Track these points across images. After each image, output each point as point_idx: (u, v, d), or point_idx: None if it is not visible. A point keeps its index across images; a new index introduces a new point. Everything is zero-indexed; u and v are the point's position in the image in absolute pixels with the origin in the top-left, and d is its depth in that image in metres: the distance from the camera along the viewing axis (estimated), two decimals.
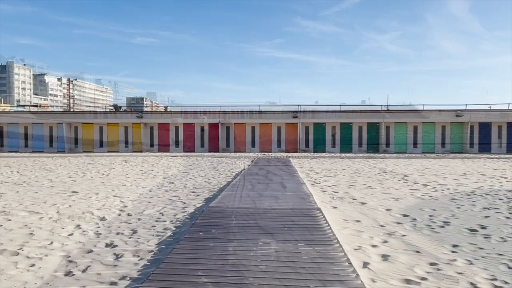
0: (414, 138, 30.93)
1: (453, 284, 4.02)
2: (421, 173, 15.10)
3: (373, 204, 8.62)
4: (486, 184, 11.89)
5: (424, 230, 6.31)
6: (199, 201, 8.97)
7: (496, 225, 6.65)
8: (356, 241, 5.64)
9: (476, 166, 18.43)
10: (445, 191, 10.61)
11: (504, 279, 4.15)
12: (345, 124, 31.54)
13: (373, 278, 4.15)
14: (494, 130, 29.99)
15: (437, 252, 5.12)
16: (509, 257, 4.93)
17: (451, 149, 30.39)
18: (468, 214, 7.60)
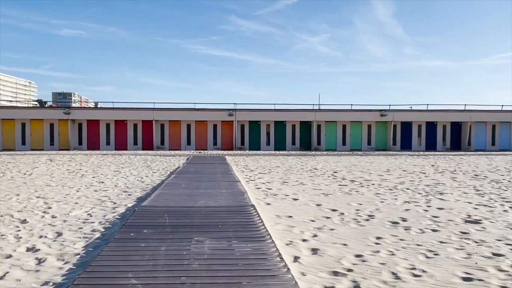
0: (343, 136, 32.38)
1: (376, 274, 4.27)
2: (349, 170, 15.85)
3: (305, 200, 8.90)
4: (407, 179, 12.77)
5: (351, 224, 6.64)
6: (130, 200, 8.69)
7: (415, 218, 7.17)
8: (288, 236, 5.80)
9: (398, 162, 19.72)
10: (370, 186, 11.24)
11: (422, 268, 4.49)
12: (279, 122, 32.21)
13: (303, 271, 4.30)
14: (415, 129, 32.28)
15: (362, 244, 5.41)
16: (426, 247, 5.34)
17: (376, 147, 32.24)
18: (390, 207, 8.12)
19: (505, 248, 5.30)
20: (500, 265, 4.61)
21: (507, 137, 32.50)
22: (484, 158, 22.56)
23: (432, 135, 32.42)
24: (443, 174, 14.33)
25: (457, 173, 14.65)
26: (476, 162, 19.92)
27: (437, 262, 4.73)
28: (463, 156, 24.53)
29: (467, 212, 7.70)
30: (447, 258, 4.86)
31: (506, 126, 32.44)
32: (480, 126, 32.37)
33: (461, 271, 4.40)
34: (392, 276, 4.20)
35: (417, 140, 32.35)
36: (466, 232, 6.15)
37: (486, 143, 32.34)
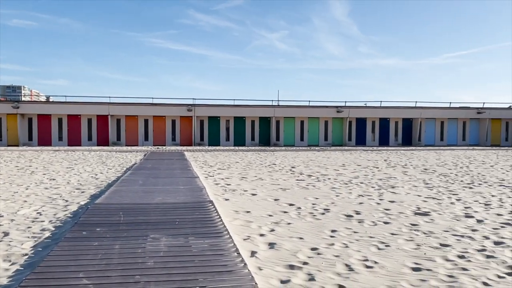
0: (301, 132, 32.89)
1: (331, 266, 4.38)
2: (306, 165, 16.13)
3: (263, 195, 8.97)
4: (361, 174, 13.17)
5: (307, 218, 6.76)
6: (83, 198, 8.40)
7: (368, 211, 7.41)
8: (246, 231, 5.82)
9: (353, 157, 20.28)
10: (327, 180, 11.49)
11: (374, 259, 4.64)
12: (239, 118, 32.22)
13: (260, 266, 4.33)
14: (369, 125, 33.33)
15: (318, 238, 5.53)
16: (378, 239, 5.53)
17: (333, 142, 33.00)
18: (345, 201, 8.34)
19: (452, 239, 5.59)
20: (447, 255, 4.86)
21: (454, 133, 34.24)
22: (433, 153, 23.65)
23: (385, 131, 33.59)
24: (395, 169, 14.89)
25: (408, 168, 15.27)
26: (425, 156, 20.85)
27: (388, 253, 4.91)
28: (414, 151, 25.60)
29: (416, 204, 8.05)
30: (398, 249, 5.06)
31: (454, 122, 34.17)
32: (430, 122, 33.89)
33: (411, 262, 4.60)
34: (345, 268, 4.32)
35: (371, 136, 33.41)
36: (415, 224, 6.42)
37: (435, 139, 33.92)
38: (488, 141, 33.82)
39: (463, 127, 34.27)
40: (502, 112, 34.39)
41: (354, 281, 3.96)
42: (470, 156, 21.12)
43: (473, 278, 4.11)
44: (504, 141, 34.57)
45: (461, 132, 34.29)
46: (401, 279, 4.04)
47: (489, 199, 8.65)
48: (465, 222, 6.60)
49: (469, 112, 33.74)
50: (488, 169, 14.64)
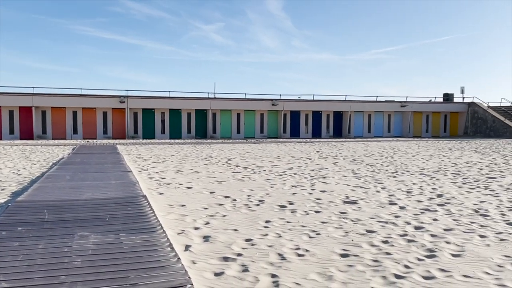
0: (237, 124, 33.05)
1: (264, 256, 4.47)
2: (242, 157, 16.26)
3: (198, 188, 8.91)
4: (295, 165, 13.54)
5: (242, 209, 6.83)
6: (4, 196, 7.79)
7: (301, 201, 7.65)
8: (180, 225, 5.75)
9: (287, 149, 20.79)
10: (262, 172, 11.68)
11: (306, 248, 4.81)
12: (174, 110, 31.64)
13: (193, 260, 4.31)
14: (302, 117, 34.31)
15: (252, 229, 5.61)
16: (310, 228, 5.73)
17: (268, 135, 33.58)
18: (279, 192, 8.54)
19: (377, 225, 5.94)
20: (373, 241, 5.16)
21: (380, 125, 36.31)
22: (361, 144, 24.92)
23: (318, 123, 34.79)
24: (326, 160, 15.49)
25: (338, 158, 15.96)
26: (354, 148, 21.91)
27: (319, 241, 5.11)
28: (344, 143, 26.79)
29: (346, 193, 8.45)
30: (328, 237, 5.29)
31: (380, 115, 36.21)
32: (358, 115, 35.64)
33: (340, 248, 4.83)
34: (278, 258, 4.43)
35: (304, 128, 34.43)
36: (344, 212, 6.74)
37: (364, 131, 35.76)
38: (411, 132, 36.28)
39: (388, 119, 36.43)
40: (423, 105, 37.02)
41: (286, 269, 4.08)
42: (394, 147, 22.53)
43: (396, 261, 4.41)
44: (425, 132, 37.30)
45: (386, 124, 36.44)
46: (330, 266, 4.23)
47: (411, 187, 9.30)
48: (389, 209, 7.04)
49: (393, 106, 35.91)
50: (410, 159, 15.72)
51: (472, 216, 6.49)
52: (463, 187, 9.27)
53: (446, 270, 4.16)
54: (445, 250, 4.80)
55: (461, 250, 4.79)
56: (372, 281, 3.84)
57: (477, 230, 5.65)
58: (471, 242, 5.11)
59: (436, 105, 37.75)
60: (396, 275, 4.00)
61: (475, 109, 36.47)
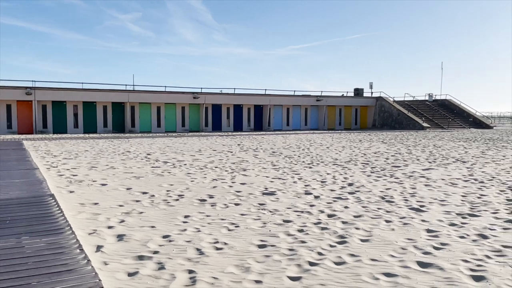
0: (157, 118, 32.14)
1: (182, 252, 4.39)
2: (163, 151, 15.84)
3: (114, 185, 8.50)
4: (216, 159, 13.52)
5: (160, 205, 6.65)
6: None
7: (221, 194, 7.64)
8: (92, 225, 5.43)
9: (209, 143, 20.69)
10: (183, 166, 11.48)
11: (224, 241, 4.81)
12: (89, 103, 29.85)
13: (105, 261, 4.09)
14: (224, 111, 34.35)
15: (170, 225, 5.48)
16: (229, 221, 5.75)
17: (190, 128, 33.14)
18: (199, 186, 8.46)
19: (293, 215, 6.13)
20: (289, 230, 5.31)
21: (298, 118, 37.63)
22: (281, 137, 25.63)
23: (239, 117, 35.08)
24: (247, 152, 15.69)
25: (259, 151, 16.24)
26: (274, 140, 22.46)
27: (238, 233, 5.15)
28: (264, 136, 27.34)
29: (265, 185, 8.61)
30: (246, 229, 5.35)
31: (298, 109, 37.50)
32: (278, 108, 36.57)
33: (258, 239, 4.90)
34: (196, 253, 4.38)
35: (226, 122, 34.50)
36: (263, 204, 6.87)
37: (282, 124, 36.79)
38: (326, 125, 38.10)
39: (305, 113, 37.88)
40: (336, 99, 39.03)
41: (204, 264, 4.04)
42: (310, 139, 23.49)
43: (310, 249, 4.59)
44: (338, 125, 39.39)
45: (303, 117, 37.87)
46: (248, 257, 4.28)
47: (325, 177, 9.75)
48: (305, 198, 7.31)
49: (310, 100, 37.40)
50: (325, 150, 16.50)
51: (379, 203, 6.98)
52: (372, 176, 9.94)
53: (355, 255, 4.42)
54: (355, 236, 5.10)
55: (369, 235, 5.12)
56: (288, 270, 3.95)
57: (384, 216, 6.09)
58: (378, 227, 5.48)
59: (348, 99, 40.01)
60: (310, 262, 4.16)
61: (382, 103, 39.27)
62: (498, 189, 8.14)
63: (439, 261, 4.20)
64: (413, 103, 41.17)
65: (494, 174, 10.06)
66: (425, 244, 4.76)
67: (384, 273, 3.88)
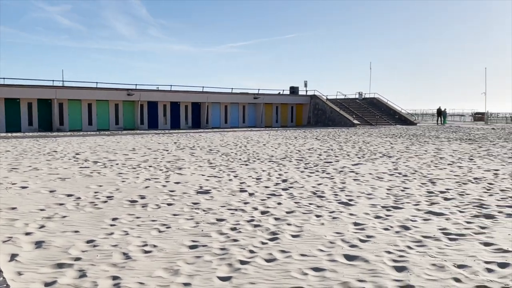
0: (89, 116, 30.61)
1: (107, 258, 4.17)
2: (93, 151, 15.09)
3: (36, 187, 7.92)
4: (151, 157, 13.12)
5: (87, 208, 6.29)
6: None
7: (154, 194, 7.41)
8: (7, 231, 5.00)
9: (144, 141, 20.07)
10: (114, 166, 11.00)
11: (154, 243, 4.64)
12: (11, 100, 27.69)
13: (20, 270, 3.77)
14: (160, 108, 33.50)
15: (96, 229, 5.20)
16: (160, 222, 5.57)
17: (124, 126, 31.93)
18: (131, 186, 8.14)
19: (227, 213, 6.09)
20: (222, 229, 5.26)
21: (236, 116, 37.69)
22: (218, 135, 25.52)
23: (176, 115, 34.40)
24: (184, 151, 15.41)
25: (196, 149, 16.02)
26: (211, 138, 22.30)
27: (169, 235, 5.00)
28: (202, 133, 27.07)
29: (200, 184, 8.49)
30: (178, 230, 5.21)
31: (236, 107, 37.57)
32: (216, 106, 36.38)
33: (189, 240, 4.79)
34: (122, 257, 4.18)
35: (163, 119, 33.67)
36: (197, 203, 6.75)
37: (221, 121, 36.65)
38: (263, 123, 38.54)
39: (243, 110, 38.04)
40: (273, 97, 39.63)
41: (130, 269, 3.86)
42: (248, 137, 23.63)
43: (242, 247, 4.56)
44: (275, 122, 40.02)
45: (241, 115, 38.00)
46: (178, 259, 4.16)
47: (260, 174, 9.82)
48: (239, 196, 7.30)
49: (247, 98, 37.61)
50: (261, 148, 16.66)
51: (311, 198, 7.15)
52: (305, 172, 10.17)
53: (286, 251, 4.46)
54: (286, 232, 5.16)
55: (300, 231, 5.21)
56: (218, 270, 3.90)
57: (314, 211, 6.23)
58: (308, 222, 5.60)
59: (284, 97, 40.78)
60: (241, 261, 4.13)
61: (316, 101, 40.50)
62: (420, 182, 8.68)
63: (365, 253, 4.37)
64: (345, 101, 42.91)
65: (417, 168, 10.74)
66: (352, 237, 4.93)
67: (313, 268, 3.96)
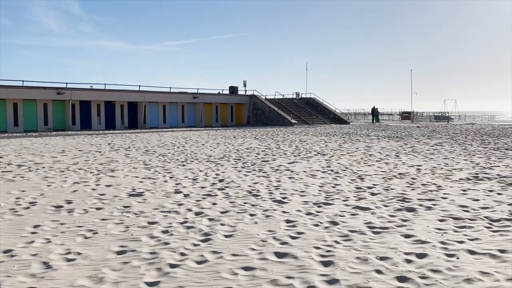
0: (14, 116, 28.54)
1: (25, 268, 3.90)
2: (18, 154, 14.09)
3: None
4: (82, 160, 12.50)
5: (6, 216, 5.85)
6: None
7: (82, 198, 7.06)
8: None
9: (75, 142, 19.09)
10: (40, 169, 10.34)
11: (78, 251, 4.41)
12: None
13: None
14: (94, 108, 32.04)
15: (15, 237, 4.85)
16: (87, 228, 5.32)
17: (54, 127, 30.16)
18: (57, 191, 7.70)
19: (160, 216, 5.94)
20: (153, 233, 5.12)
21: (175, 116, 37.02)
22: (156, 135, 24.91)
23: (111, 114, 33.08)
24: (118, 152, 14.85)
25: (131, 150, 15.51)
26: (148, 138, 21.72)
27: (95, 241, 4.78)
28: (139, 134, 26.28)
29: (133, 186, 8.22)
30: (106, 235, 5.00)
31: (174, 106, 36.90)
32: (153, 105, 35.46)
33: (117, 245, 4.61)
34: (42, 267, 3.93)
35: (97, 119, 32.23)
36: (128, 206, 6.53)
37: (159, 121, 35.79)
38: (203, 122, 38.21)
39: (182, 110, 37.44)
40: (213, 97, 39.44)
41: (50, 279, 3.64)
42: (186, 137, 23.31)
43: (173, 250, 4.47)
44: (215, 122, 39.85)
45: (180, 115, 37.38)
46: (103, 266, 3.98)
47: (197, 174, 9.72)
48: (174, 198, 7.17)
49: (186, 97, 37.08)
50: (200, 148, 16.51)
51: (246, 197, 7.19)
52: (242, 171, 10.23)
53: (218, 251, 4.44)
54: (219, 232, 5.14)
55: (233, 230, 5.22)
56: (146, 275, 3.79)
57: (249, 210, 6.28)
58: (242, 222, 5.62)
59: (224, 97, 40.74)
60: (171, 264, 4.05)
61: (255, 101, 40.90)
62: (350, 178, 9.07)
63: (294, 250, 4.47)
64: (283, 101, 43.74)
65: (348, 165, 11.20)
66: (283, 234, 5.02)
67: (244, 267, 3.97)
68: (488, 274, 3.77)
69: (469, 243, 4.67)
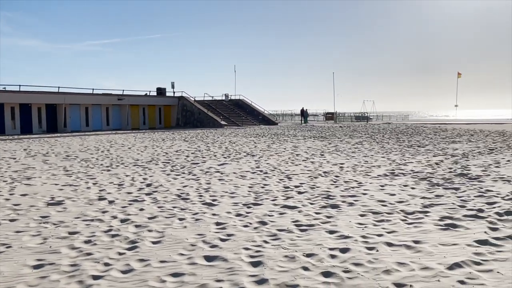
0: None
1: None
2: None
3: None
4: None
5: None
6: None
7: None
8: None
9: None
10: None
11: None
12: None
13: None
14: (7, 111, 29.47)
15: None
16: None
17: None
18: None
19: (82, 225, 5.63)
20: (74, 243, 4.83)
21: (99, 118, 35.27)
22: (78, 139, 23.55)
23: (27, 118, 30.67)
24: (35, 158, 13.82)
25: (50, 155, 14.51)
26: (69, 143, 20.48)
27: (9, 255, 4.41)
28: (59, 138, 24.66)
29: (51, 194, 7.69)
30: (21, 249, 4.63)
31: (98, 108, 35.15)
32: (75, 108, 33.47)
33: (33, 259, 4.29)
34: None
35: (11, 124, 29.69)
36: (46, 216, 6.10)
37: (81, 124, 33.86)
38: (129, 125, 36.82)
39: (106, 112, 35.76)
40: (139, 98, 38.18)
41: None
42: (112, 140, 22.31)
43: (96, 261, 4.25)
44: (143, 124, 38.62)
45: (105, 117, 35.68)
46: (18, 283, 3.68)
47: (123, 179, 9.35)
48: (97, 205, 6.82)
49: (111, 99, 35.48)
50: (126, 151, 15.89)
51: (175, 201, 7.06)
52: (171, 174, 10.02)
53: (145, 259, 4.31)
54: (146, 239, 4.99)
55: (161, 236, 5.09)
56: None
57: (178, 214, 6.17)
58: (171, 227, 5.51)
59: (151, 98, 39.62)
60: (94, 276, 3.85)
61: (184, 102, 40.31)
62: (278, 178, 9.28)
63: (224, 252, 4.47)
64: (212, 102, 43.61)
65: (276, 165, 11.45)
66: (213, 237, 5.00)
67: (172, 274, 3.89)
68: (404, 264, 4.06)
69: (387, 235, 5.00)
